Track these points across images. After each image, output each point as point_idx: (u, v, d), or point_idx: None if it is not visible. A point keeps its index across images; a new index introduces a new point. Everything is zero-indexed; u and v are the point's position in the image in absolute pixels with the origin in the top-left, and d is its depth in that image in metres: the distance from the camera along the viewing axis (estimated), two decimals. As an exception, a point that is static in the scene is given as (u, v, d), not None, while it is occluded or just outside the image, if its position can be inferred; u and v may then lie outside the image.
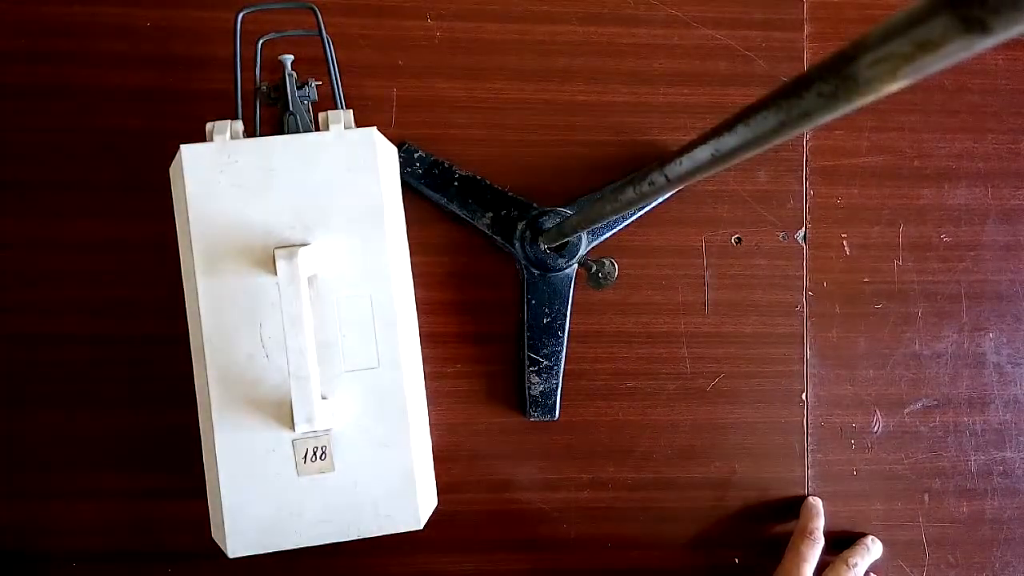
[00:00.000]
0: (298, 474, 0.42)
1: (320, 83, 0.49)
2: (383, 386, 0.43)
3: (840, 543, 0.57)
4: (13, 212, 0.53)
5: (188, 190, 0.41)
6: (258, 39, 0.47)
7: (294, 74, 0.47)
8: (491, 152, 0.56)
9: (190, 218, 0.41)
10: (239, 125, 0.44)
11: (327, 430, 0.42)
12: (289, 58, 0.47)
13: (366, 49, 0.56)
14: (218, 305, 0.41)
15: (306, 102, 0.47)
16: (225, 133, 0.42)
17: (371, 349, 0.43)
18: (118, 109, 0.54)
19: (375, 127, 0.43)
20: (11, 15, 0.54)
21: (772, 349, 0.58)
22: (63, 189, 0.54)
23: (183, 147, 0.41)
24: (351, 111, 0.44)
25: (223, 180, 0.41)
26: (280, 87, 0.47)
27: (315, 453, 0.42)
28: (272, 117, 0.50)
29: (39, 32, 0.54)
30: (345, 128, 0.42)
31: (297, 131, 0.46)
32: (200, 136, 0.42)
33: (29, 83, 0.54)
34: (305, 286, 0.39)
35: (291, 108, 0.46)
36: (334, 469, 0.42)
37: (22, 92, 0.54)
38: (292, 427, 0.40)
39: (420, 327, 0.48)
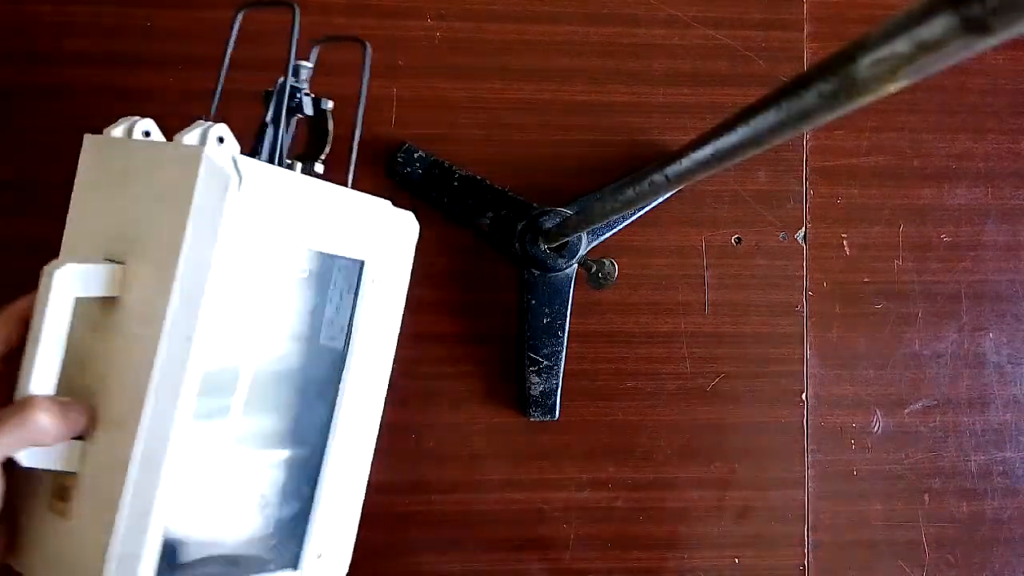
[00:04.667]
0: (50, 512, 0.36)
1: (332, 105, 0.43)
2: (100, 451, 0.35)
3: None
4: (13, 211, 0.53)
5: (77, 179, 0.39)
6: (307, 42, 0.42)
7: (301, 87, 0.41)
8: (491, 152, 0.56)
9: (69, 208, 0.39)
10: (145, 124, 0.39)
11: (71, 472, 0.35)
12: (308, 65, 0.42)
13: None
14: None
15: (294, 118, 0.41)
16: (119, 128, 0.39)
17: (123, 405, 0.34)
18: (117, 109, 0.54)
19: (208, 149, 0.34)
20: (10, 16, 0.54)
21: (772, 349, 0.58)
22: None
23: (86, 136, 0.39)
24: (223, 127, 0.35)
25: (94, 176, 0.39)
26: (272, 93, 0.42)
27: (60, 493, 0.36)
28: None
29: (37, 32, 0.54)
30: (196, 144, 0.34)
31: (264, 149, 0.40)
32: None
33: (28, 82, 0.54)
34: (63, 306, 0.34)
35: (267, 118, 0.40)
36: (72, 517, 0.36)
37: (22, 92, 0.54)
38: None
39: (420, 327, 0.48)
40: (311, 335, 0.42)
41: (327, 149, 0.43)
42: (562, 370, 0.55)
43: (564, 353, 0.55)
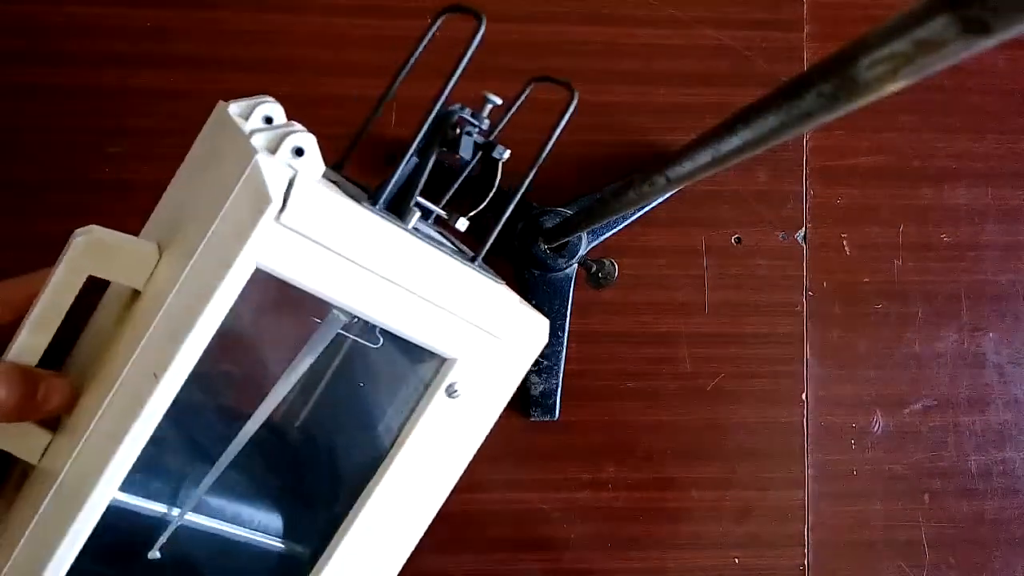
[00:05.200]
0: None
1: (508, 156, 0.35)
2: (54, 454, 0.30)
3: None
4: (13, 211, 0.53)
5: (189, 152, 0.34)
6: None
7: (471, 121, 0.34)
8: (491, 152, 0.56)
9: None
10: (268, 108, 0.31)
11: None
12: (495, 100, 0.35)
13: (366, 49, 0.55)
14: None
15: (432, 154, 0.33)
16: (238, 104, 0.32)
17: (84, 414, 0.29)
18: (119, 109, 0.54)
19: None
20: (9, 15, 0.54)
21: (772, 349, 0.58)
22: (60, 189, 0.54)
23: (219, 103, 0.33)
24: (309, 137, 0.28)
25: (197, 152, 0.34)
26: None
27: (19, 481, 0.32)
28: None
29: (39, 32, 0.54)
30: (260, 147, 0.28)
31: (390, 183, 0.31)
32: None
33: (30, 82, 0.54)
34: (73, 275, 0.29)
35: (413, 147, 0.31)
36: None
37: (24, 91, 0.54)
38: None
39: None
40: (344, 417, 0.36)
41: (482, 206, 0.34)
42: (562, 370, 0.55)
43: (564, 353, 0.55)
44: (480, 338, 0.31)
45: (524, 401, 0.55)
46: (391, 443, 0.32)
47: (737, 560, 0.57)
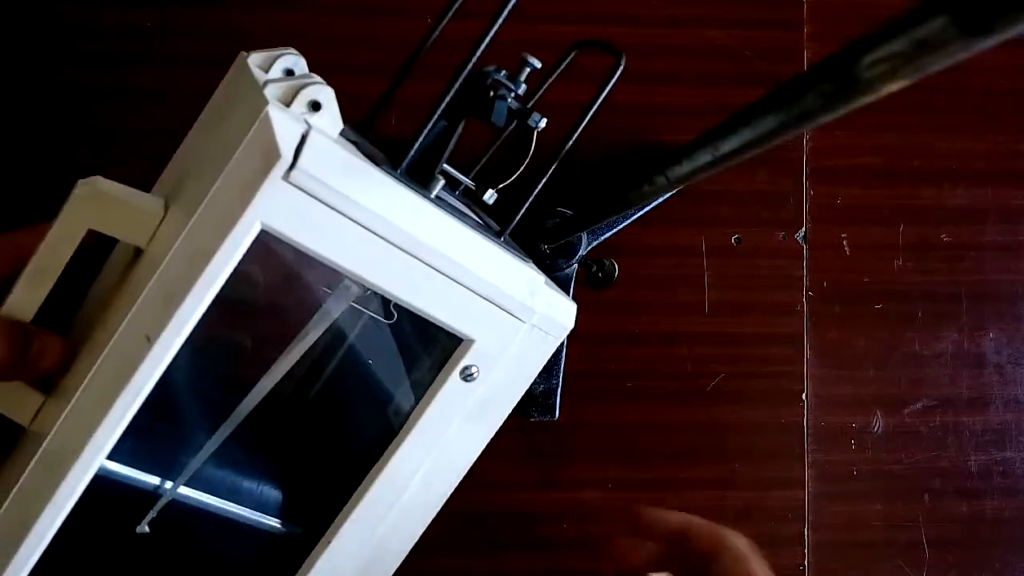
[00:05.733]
0: None
1: (544, 124, 0.33)
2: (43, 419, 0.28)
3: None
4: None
5: (208, 103, 0.32)
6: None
7: (507, 85, 0.30)
8: (491, 152, 0.56)
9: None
10: (289, 60, 0.30)
11: None
12: (534, 63, 0.33)
13: (366, 49, 0.55)
14: None
15: (504, 103, 0.29)
16: (260, 55, 0.30)
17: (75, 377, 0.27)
18: (120, 109, 0.54)
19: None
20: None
21: (772, 349, 0.58)
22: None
23: (240, 54, 0.31)
24: (327, 90, 0.27)
25: (215, 102, 0.33)
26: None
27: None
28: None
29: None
30: (274, 99, 0.25)
31: (415, 147, 0.30)
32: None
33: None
34: (72, 227, 0.27)
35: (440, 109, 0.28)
36: None
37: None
38: None
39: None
40: (353, 394, 0.34)
41: (513, 177, 0.32)
42: (562, 370, 0.55)
43: (564, 353, 0.55)
44: (501, 319, 0.29)
45: (524, 401, 0.55)
46: (400, 425, 0.30)
47: (737, 560, 0.57)
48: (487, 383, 0.30)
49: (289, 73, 0.29)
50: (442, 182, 0.29)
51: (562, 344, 0.55)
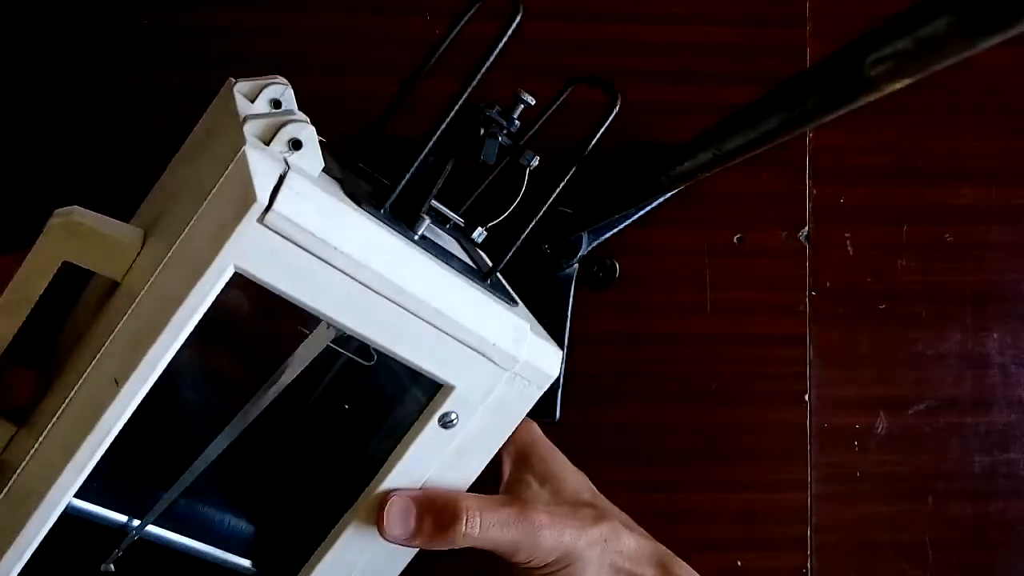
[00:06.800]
0: None
1: (536, 163, 0.32)
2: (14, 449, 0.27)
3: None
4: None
5: (193, 131, 0.32)
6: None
7: (497, 121, 0.30)
8: (492, 151, 0.56)
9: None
10: (276, 90, 0.30)
11: None
12: (527, 100, 0.33)
13: (365, 47, 0.55)
14: None
15: (495, 141, 0.29)
16: (246, 84, 0.30)
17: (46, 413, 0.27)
18: (120, 109, 0.54)
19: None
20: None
21: (774, 350, 0.57)
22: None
23: (228, 80, 0.31)
24: (308, 129, 0.26)
25: (199, 130, 0.33)
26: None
27: None
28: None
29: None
30: (253, 136, 0.25)
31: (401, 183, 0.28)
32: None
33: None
34: (47, 259, 0.26)
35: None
36: None
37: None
38: None
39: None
40: (330, 437, 0.33)
41: (504, 215, 0.32)
42: (562, 370, 0.55)
43: (564, 353, 0.55)
44: (483, 366, 0.28)
45: (525, 402, 0.55)
46: (376, 470, 0.29)
47: (740, 563, 0.57)
48: (467, 431, 0.29)
49: (276, 104, 0.29)
50: (428, 220, 0.29)
51: (563, 345, 0.55)
